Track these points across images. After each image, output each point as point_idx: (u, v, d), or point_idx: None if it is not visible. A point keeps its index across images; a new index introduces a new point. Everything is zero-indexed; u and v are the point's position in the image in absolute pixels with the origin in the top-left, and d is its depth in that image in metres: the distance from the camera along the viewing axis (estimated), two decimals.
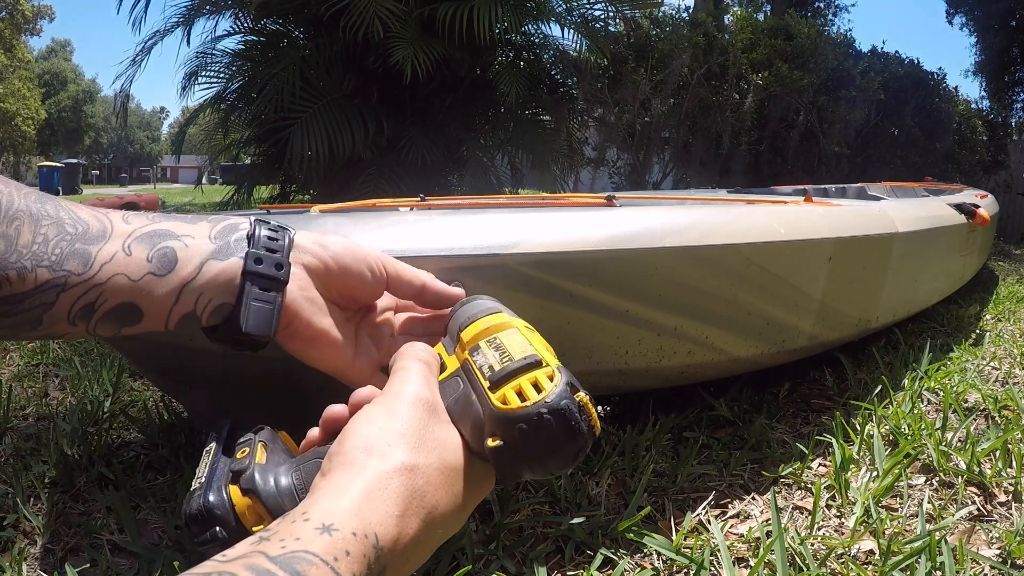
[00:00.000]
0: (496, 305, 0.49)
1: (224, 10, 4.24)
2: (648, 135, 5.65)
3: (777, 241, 0.86)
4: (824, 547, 0.72)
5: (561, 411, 0.36)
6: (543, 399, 0.36)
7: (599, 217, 0.75)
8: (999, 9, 7.88)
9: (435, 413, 0.39)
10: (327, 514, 0.30)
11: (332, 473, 0.34)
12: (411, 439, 0.36)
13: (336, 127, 3.68)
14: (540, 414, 0.36)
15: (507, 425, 0.36)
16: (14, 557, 0.69)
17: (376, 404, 0.38)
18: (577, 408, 0.37)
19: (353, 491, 0.32)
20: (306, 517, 0.30)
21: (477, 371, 0.40)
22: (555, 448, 0.36)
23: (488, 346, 0.42)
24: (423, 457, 0.35)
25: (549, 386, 0.37)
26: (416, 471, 0.34)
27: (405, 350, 0.43)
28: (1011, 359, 1.46)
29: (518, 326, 0.44)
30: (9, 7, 21.91)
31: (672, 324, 0.78)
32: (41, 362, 1.41)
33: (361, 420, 0.37)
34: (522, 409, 0.36)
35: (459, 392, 0.41)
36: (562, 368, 0.39)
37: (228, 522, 0.36)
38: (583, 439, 0.37)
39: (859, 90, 5.71)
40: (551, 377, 0.38)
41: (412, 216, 0.69)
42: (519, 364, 0.39)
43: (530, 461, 0.37)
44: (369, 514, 0.31)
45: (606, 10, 4.57)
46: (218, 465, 0.39)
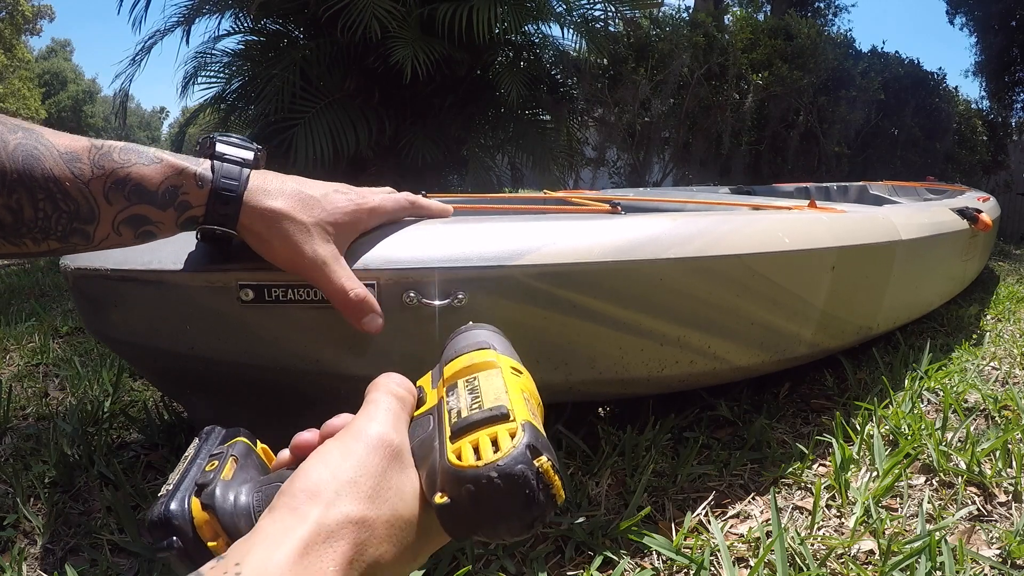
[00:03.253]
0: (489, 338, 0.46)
1: (224, 10, 4.24)
2: (648, 135, 5.65)
3: (781, 251, 0.85)
4: (824, 547, 0.72)
5: (513, 477, 0.32)
6: (496, 461, 0.33)
7: (604, 227, 0.74)
8: (999, 9, 7.88)
9: (397, 458, 0.36)
10: (258, 569, 0.29)
11: (275, 514, 0.32)
12: (363, 488, 0.33)
13: (339, 127, 3.68)
14: (490, 477, 0.32)
15: (456, 483, 0.33)
16: (14, 557, 0.69)
17: (335, 442, 0.36)
18: (534, 475, 0.33)
19: (289, 543, 0.30)
20: (238, 570, 0.29)
21: (447, 414, 0.38)
22: (505, 514, 0.33)
23: (464, 387, 0.39)
24: (373, 509, 0.33)
25: (507, 446, 0.34)
26: (363, 524, 0.32)
27: (380, 381, 0.41)
28: (1011, 359, 1.46)
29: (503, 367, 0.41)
30: (9, 7, 21.91)
31: (675, 334, 0.78)
32: (41, 362, 1.41)
33: (316, 459, 0.35)
34: (473, 468, 0.33)
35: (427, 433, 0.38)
36: (528, 426, 0.35)
37: (186, 533, 0.35)
38: (538, 509, 0.33)
39: (859, 90, 5.71)
40: (513, 435, 0.34)
41: (415, 225, 0.68)
42: (483, 415, 0.35)
43: (477, 524, 0.34)
44: (302, 571, 0.30)
45: (606, 10, 4.56)
46: (189, 473, 0.39)
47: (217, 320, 0.64)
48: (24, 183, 0.47)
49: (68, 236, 0.50)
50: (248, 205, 0.54)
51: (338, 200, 0.59)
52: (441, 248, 0.65)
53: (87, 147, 0.50)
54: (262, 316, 0.63)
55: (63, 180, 0.48)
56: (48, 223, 0.49)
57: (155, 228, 0.53)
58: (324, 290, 0.57)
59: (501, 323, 0.68)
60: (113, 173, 0.50)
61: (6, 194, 0.46)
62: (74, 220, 0.49)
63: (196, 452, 0.41)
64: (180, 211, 0.53)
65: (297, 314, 0.63)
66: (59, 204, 0.48)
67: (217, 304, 0.63)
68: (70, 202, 0.49)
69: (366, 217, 0.62)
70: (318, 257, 0.56)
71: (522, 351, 0.71)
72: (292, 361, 0.66)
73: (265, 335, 0.65)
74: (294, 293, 0.62)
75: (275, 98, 3.63)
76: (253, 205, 0.54)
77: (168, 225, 0.53)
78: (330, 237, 0.57)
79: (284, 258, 0.56)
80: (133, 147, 0.52)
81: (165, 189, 0.52)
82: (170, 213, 0.53)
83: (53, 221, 0.49)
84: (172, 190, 0.52)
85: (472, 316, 0.64)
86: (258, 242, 0.56)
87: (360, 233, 0.63)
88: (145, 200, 0.51)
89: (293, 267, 0.56)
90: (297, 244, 0.55)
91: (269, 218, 0.55)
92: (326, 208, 0.58)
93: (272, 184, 0.56)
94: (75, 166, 0.49)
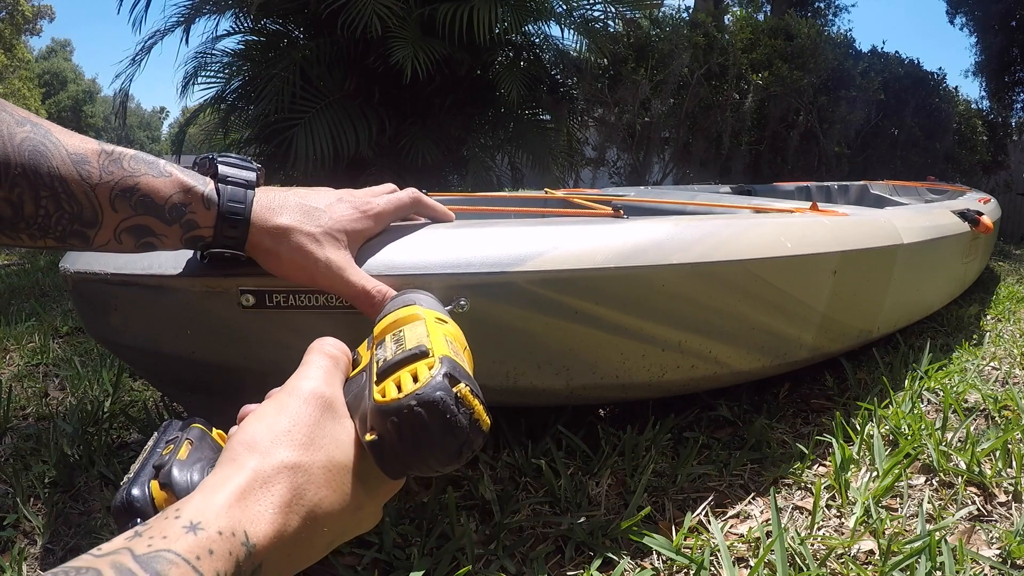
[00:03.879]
0: (415, 297, 0.48)
1: (224, 10, 4.24)
2: (648, 135, 5.65)
3: (784, 256, 0.85)
4: (824, 547, 0.72)
5: (433, 403, 0.34)
6: (414, 391, 0.34)
7: (607, 232, 0.74)
8: (999, 9, 7.88)
9: (330, 409, 0.38)
10: (196, 512, 0.31)
11: (216, 469, 0.34)
12: (298, 437, 0.36)
13: (339, 127, 3.68)
14: (410, 406, 0.34)
15: (382, 418, 0.35)
16: (14, 557, 0.69)
17: (270, 400, 0.38)
18: (454, 400, 0.34)
19: (227, 489, 0.32)
20: (177, 515, 0.31)
21: (374, 364, 0.39)
22: (431, 443, 0.34)
23: (392, 340, 0.41)
24: (308, 456, 0.35)
25: (426, 376, 0.35)
26: (298, 469, 0.34)
27: (315, 344, 0.45)
28: (1011, 359, 1.46)
29: (427, 318, 0.43)
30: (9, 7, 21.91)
31: (676, 339, 0.78)
32: (41, 362, 1.41)
33: (252, 417, 0.37)
34: (395, 401, 0.35)
35: (359, 387, 0.40)
36: (447, 359, 0.36)
37: (147, 514, 0.37)
38: (463, 433, 0.34)
39: (859, 90, 5.71)
40: (431, 368, 0.36)
41: (416, 231, 0.68)
42: (404, 355, 0.37)
43: (407, 457, 0.35)
44: (240, 512, 0.31)
45: (606, 10, 4.56)
46: (149, 462, 0.40)
47: (218, 325, 0.64)
48: (28, 178, 0.46)
49: (67, 237, 0.50)
50: (255, 225, 0.54)
51: (343, 208, 0.60)
52: (443, 254, 0.65)
53: (97, 151, 0.49)
54: (263, 321, 0.63)
55: (69, 181, 0.48)
56: (48, 221, 0.48)
57: (158, 241, 0.53)
58: (345, 294, 0.57)
59: (503, 328, 0.68)
60: (121, 181, 0.50)
61: (8, 187, 0.46)
62: (75, 222, 0.49)
63: (154, 444, 0.42)
64: (186, 229, 0.53)
65: (298, 320, 0.63)
66: (62, 204, 0.48)
67: (218, 309, 0.62)
68: (74, 204, 0.48)
69: (372, 223, 0.62)
70: (332, 264, 0.56)
71: (523, 356, 0.71)
72: (293, 367, 0.66)
73: (266, 340, 0.64)
74: (295, 299, 0.62)
75: (275, 98, 3.63)
76: (260, 224, 0.54)
77: (172, 240, 0.53)
78: (340, 244, 0.57)
79: (297, 270, 0.56)
80: (143, 156, 0.52)
81: (173, 205, 0.52)
82: (175, 229, 0.53)
83: (54, 220, 0.48)
84: (180, 207, 0.52)
85: (474, 321, 0.64)
86: (268, 258, 0.56)
87: (367, 239, 0.63)
88: (151, 212, 0.51)
89: (308, 278, 0.56)
90: (310, 254, 0.55)
91: (277, 234, 0.55)
92: (332, 217, 0.58)
93: (276, 201, 0.56)
94: (83, 168, 0.48)
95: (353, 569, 0.67)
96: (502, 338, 0.68)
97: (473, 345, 0.49)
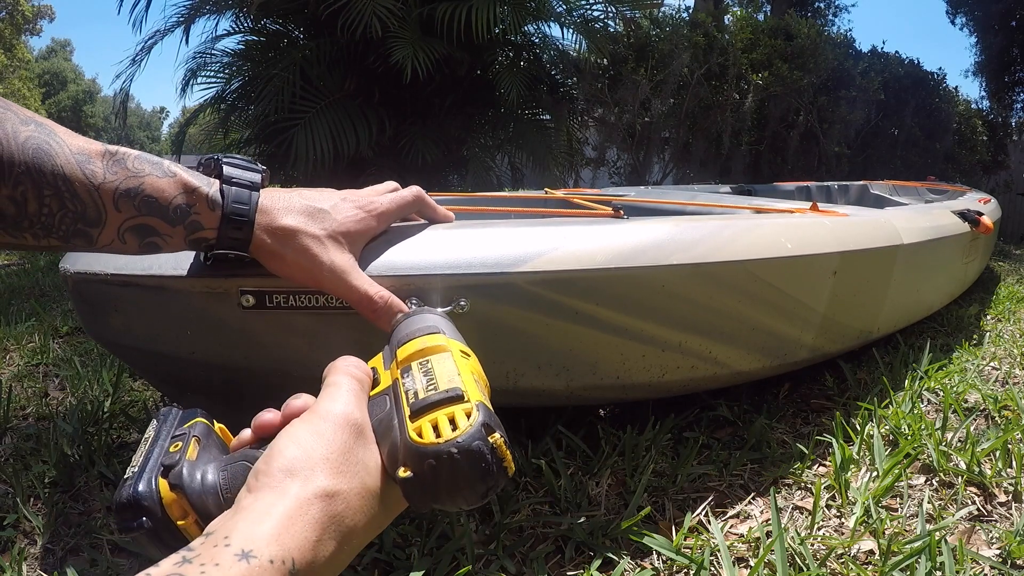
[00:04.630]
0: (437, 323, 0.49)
1: (224, 10, 4.24)
2: (648, 135, 5.65)
3: (784, 257, 0.85)
4: (824, 547, 0.72)
5: (472, 452, 0.36)
6: (455, 438, 0.37)
7: (607, 232, 0.74)
8: (999, 9, 7.88)
9: (361, 435, 0.39)
10: (247, 540, 0.31)
11: (256, 494, 0.35)
12: (334, 463, 0.37)
13: (339, 127, 3.68)
14: (450, 453, 0.36)
15: (418, 458, 0.37)
16: (14, 557, 0.69)
17: (303, 422, 0.39)
18: (489, 450, 0.37)
19: (274, 516, 0.33)
20: (227, 542, 0.31)
21: (404, 394, 0.41)
22: (463, 486, 0.37)
23: (419, 369, 0.42)
24: (345, 483, 0.36)
25: (464, 424, 0.37)
26: (337, 497, 0.36)
27: (339, 364, 0.45)
28: (1011, 359, 1.46)
29: (453, 350, 0.44)
30: (9, 7, 21.91)
31: (676, 340, 0.78)
32: (41, 362, 1.41)
33: (287, 440, 0.38)
34: (434, 445, 0.37)
35: (385, 412, 0.41)
36: (481, 406, 0.39)
37: (155, 513, 0.37)
38: (493, 479, 0.37)
39: (859, 90, 5.71)
40: (468, 414, 0.38)
41: (417, 232, 0.68)
42: (440, 396, 0.39)
43: (437, 495, 0.37)
44: (288, 540, 0.32)
45: (606, 10, 4.56)
46: (153, 455, 0.40)
47: (218, 326, 0.64)
48: (32, 176, 0.46)
49: (71, 236, 0.50)
50: (260, 227, 0.54)
51: (347, 209, 0.60)
52: (443, 255, 0.65)
53: (101, 151, 0.50)
54: (263, 322, 0.63)
55: (73, 180, 0.48)
56: (52, 220, 0.48)
57: (162, 241, 0.53)
58: (347, 298, 0.57)
59: (503, 329, 0.69)
60: (126, 181, 0.50)
61: (11, 185, 0.46)
62: (79, 221, 0.49)
63: (156, 434, 0.42)
64: (190, 230, 0.53)
65: (298, 320, 0.63)
66: (66, 203, 0.48)
67: (218, 310, 0.62)
68: (77, 203, 0.48)
69: (375, 223, 0.62)
70: (336, 267, 0.56)
71: (524, 357, 0.71)
72: (293, 367, 0.66)
73: (266, 341, 0.64)
74: (295, 299, 0.62)
75: (275, 98, 3.63)
76: (265, 226, 0.55)
77: (176, 241, 0.53)
78: (344, 246, 0.58)
79: (301, 272, 0.56)
80: (147, 157, 0.52)
81: (177, 206, 0.52)
82: (179, 230, 0.52)
83: (57, 219, 0.48)
84: (184, 207, 0.52)
85: (474, 322, 0.64)
86: (272, 260, 0.56)
87: (371, 239, 0.63)
88: (155, 213, 0.51)
89: (312, 280, 0.56)
90: (315, 257, 0.55)
91: (282, 236, 0.55)
92: (336, 219, 0.58)
93: (280, 202, 0.56)
94: (87, 167, 0.48)
95: (353, 569, 0.67)
96: (502, 339, 0.68)
97: (473, 346, 0.49)
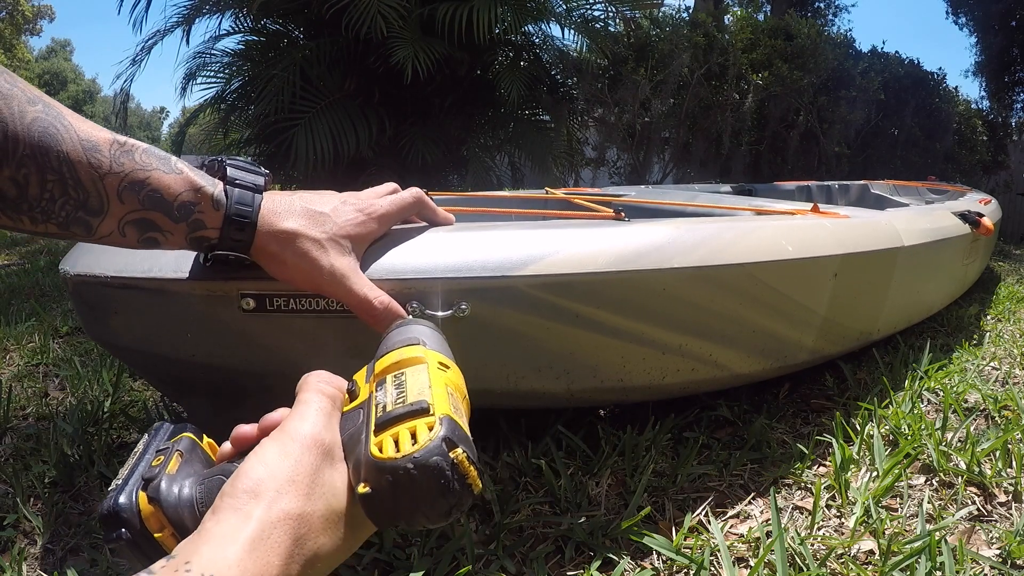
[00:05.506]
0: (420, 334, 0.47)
1: (224, 10, 4.24)
2: (648, 135, 5.65)
3: (785, 259, 0.85)
4: (824, 547, 0.72)
5: (429, 467, 0.35)
6: (412, 453, 0.35)
7: (608, 235, 0.74)
8: (999, 9, 7.88)
9: (328, 456, 0.38)
10: (209, 565, 0.31)
11: (219, 515, 0.34)
12: (300, 485, 0.36)
13: (339, 127, 3.68)
14: (407, 469, 0.35)
15: (377, 474, 0.35)
16: (14, 557, 0.69)
17: (271, 441, 0.38)
18: (449, 466, 0.35)
19: (238, 542, 0.32)
20: (188, 568, 0.31)
21: (374, 408, 0.39)
22: (423, 503, 0.35)
23: (392, 382, 0.41)
24: (310, 505, 0.36)
25: (424, 439, 0.36)
26: (301, 519, 0.35)
27: (310, 380, 0.43)
28: (1011, 359, 1.46)
29: (430, 362, 0.43)
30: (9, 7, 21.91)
31: (677, 343, 0.78)
32: (41, 362, 1.42)
33: (255, 460, 0.37)
34: (391, 460, 0.35)
35: (356, 427, 0.40)
36: (447, 420, 0.37)
37: (133, 525, 0.37)
38: (454, 497, 0.35)
39: (859, 90, 5.71)
40: (431, 428, 0.36)
41: (418, 235, 0.68)
42: (405, 409, 0.37)
43: (397, 512, 0.36)
44: (251, 566, 0.32)
45: (606, 10, 4.56)
46: (138, 469, 0.40)
47: (218, 329, 0.64)
48: (36, 159, 0.45)
49: (70, 224, 0.49)
50: (261, 229, 0.54)
51: (347, 212, 0.59)
52: (444, 258, 0.65)
53: (109, 140, 0.49)
54: (263, 325, 0.63)
55: (78, 167, 0.47)
56: (52, 206, 0.47)
57: (162, 237, 0.52)
58: (347, 302, 0.57)
59: (504, 332, 0.68)
60: (132, 173, 0.49)
61: (15, 167, 0.45)
62: (80, 209, 0.48)
63: (144, 448, 0.43)
64: (192, 228, 0.53)
65: (298, 323, 0.63)
66: (68, 190, 0.47)
67: (218, 313, 0.62)
68: (80, 191, 0.47)
69: (377, 226, 0.62)
70: (336, 271, 0.56)
71: (525, 360, 0.71)
72: (293, 370, 0.66)
73: (266, 344, 0.64)
74: (295, 303, 0.62)
75: (275, 98, 3.63)
76: (266, 229, 0.54)
77: (177, 239, 0.53)
78: (345, 250, 0.57)
79: (301, 276, 0.56)
80: (155, 151, 0.51)
81: (182, 203, 0.51)
82: (181, 227, 0.52)
83: (58, 205, 0.47)
84: (188, 205, 0.51)
85: (475, 326, 0.64)
86: (272, 263, 0.56)
87: (372, 241, 0.63)
88: (159, 208, 0.50)
89: (312, 284, 0.56)
90: (315, 260, 0.55)
91: (283, 239, 0.55)
92: (337, 222, 0.58)
93: (282, 205, 0.56)
94: (93, 156, 0.47)
95: (353, 569, 0.67)
96: (503, 342, 0.68)
97: (474, 349, 0.49)
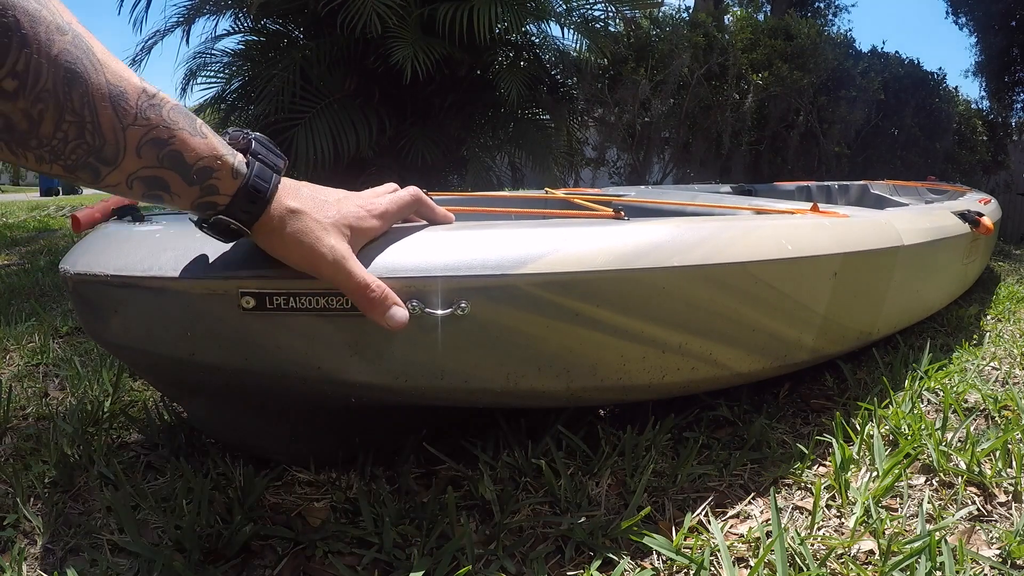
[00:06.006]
0: None
1: (224, 10, 4.24)
2: (648, 135, 5.65)
3: (785, 258, 0.85)
4: (824, 547, 0.72)
5: None
6: None
7: (608, 234, 0.74)
8: (999, 9, 7.88)
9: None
10: None
11: None
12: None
13: (339, 127, 3.68)
14: None
15: None
16: (14, 557, 0.69)
17: None
18: None
19: None
20: None
21: None
22: None
23: None
24: None
25: None
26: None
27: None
28: (1011, 359, 1.46)
29: None
30: None
31: (677, 342, 0.78)
32: (41, 362, 1.41)
33: None
34: None
35: None
36: None
37: None
38: None
39: (859, 90, 5.71)
40: None
41: (417, 233, 0.68)
42: None
43: None
44: None
45: (606, 10, 4.57)
46: None
47: (218, 327, 0.64)
48: (56, 96, 0.42)
49: (77, 168, 0.46)
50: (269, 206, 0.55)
51: (350, 206, 0.60)
52: (444, 256, 0.65)
53: (138, 88, 0.46)
54: (263, 324, 0.63)
55: (100, 113, 0.44)
56: (63, 147, 0.44)
57: (168, 197, 0.51)
58: (343, 287, 0.57)
59: (503, 331, 0.69)
60: (156, 130, 0.46)
61: (31, 100, 0.41)
62: (92, 155, 0.45)
63: None
64: (204, 193, 0.51)
65: (298, 322, 0.63)
66: (85, 135, 0.44)
67: (218, 312, 0.62)
68: (98, 137, 0.44)
69: (377, 223, 0.62)
70: (336, 253, 0.56)
71: (524, 359, 0.71)
72: (293, 368, 0.66)
73: (266, 342, 0.64)
74: (295, 301, 0.62)
75: (275, 98, 3.63)
76: (274, 205, 0.55)
77: (185, 200, 0.51)
78: (345, 237, 0.58)
79: (300, 255, 0.56)
80: (183, 110, 0.49)
81: (200, 168, 0.50)
82: (194, 191, 0.51)
83: (70, 148, 0.44)
84: (206, 170, 0.50)
85: (475, 324, 0.64)
86: (272, 239, 0.56)
87: (371, 239, 0.63)
88: (176, 169, 0.49)
89: (309, 263, 0.56)
90: (317, 239, 0.55)
91: (287, 216, 0.55)
92: (340, 211, 0.59)
93: (290, 186, 0.57)
94: (120, 104, 0.44)
95: (353, 569, 0.67)
96: (503, 341, 0.68)
97: (473, 347, 0.49)
